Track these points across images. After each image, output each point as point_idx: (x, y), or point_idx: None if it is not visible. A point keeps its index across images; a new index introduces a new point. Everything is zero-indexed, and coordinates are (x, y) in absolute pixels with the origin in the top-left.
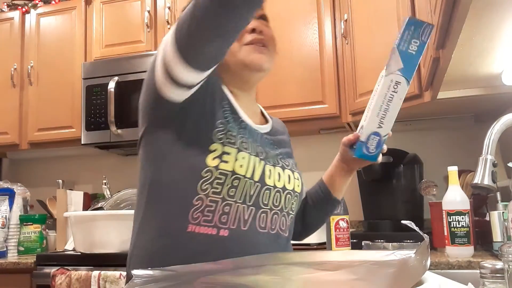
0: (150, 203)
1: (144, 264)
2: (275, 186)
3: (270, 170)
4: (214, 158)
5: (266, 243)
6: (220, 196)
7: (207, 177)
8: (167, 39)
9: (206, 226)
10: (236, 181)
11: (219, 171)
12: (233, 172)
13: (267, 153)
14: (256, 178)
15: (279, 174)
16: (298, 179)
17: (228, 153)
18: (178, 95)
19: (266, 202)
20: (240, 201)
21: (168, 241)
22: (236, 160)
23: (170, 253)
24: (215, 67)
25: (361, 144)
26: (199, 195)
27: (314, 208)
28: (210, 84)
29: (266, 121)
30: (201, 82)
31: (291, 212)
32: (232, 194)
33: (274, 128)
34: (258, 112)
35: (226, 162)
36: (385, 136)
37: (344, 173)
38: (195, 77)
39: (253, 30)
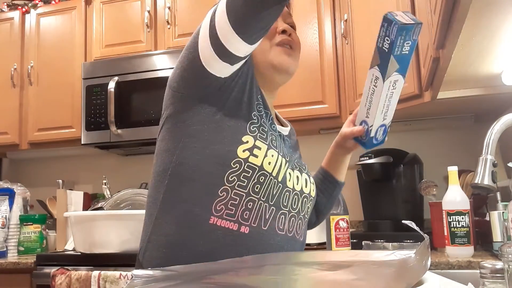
0: (172, 189)
1: (160, 258)
2: (293, 189)
3: (290, 173)
4: (244, 150)
5: (282, 245)
6: (245, 191)
7: (235, 168)
8: (218, 9)
9: (228, 220)
10: (262, 177)
11: (248, 164)
12: (261, 168)
13: (290, 155)
14: (280, 178)
15: (297, 177)
16: (313, 184)
17: (259, 148)
18: (222, 69)
19: (285, 204)
20: (263, 199)
21: (189, 232)
22: (265, 156)
23: (189, 244)
24: (259, 42)
25: (371, 139)
26: (225, 186)
27: (323, 196)
28: (251, 74)
29: (282, 124)
30: (245, 59)
31: (306, 216)
32: (257, 190)
33: (290, 131)
34: (274, 116)
35: (256, 156)
36: (389, 123)
37: (343, 157)
38: (243, 49)
39: (283, 31)
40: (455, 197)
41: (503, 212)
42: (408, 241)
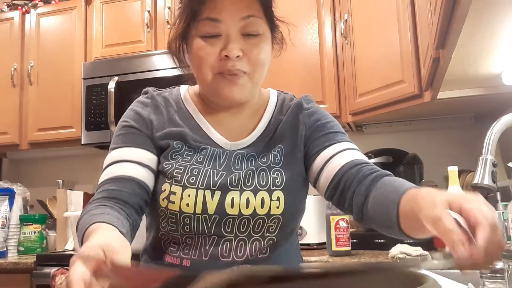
0: (147, 227)
1: None
2: (240, 214)
3: (232, 198)
4: (163, 199)
5: None
6: (178, 233)
7: (163, 216)
8: None
9: (172, 256)
10: (187, 219)
11: (169, 211)
12: (181, 212)
13: (232, 177)
14: (211, 211)
15: (247, 199)
16: (278, 200)
17: (174, 193)
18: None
19: (229, 230)
20: (198, 233)
21: (154, 266)
22: (181, 199)
23: None
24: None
25: None
26: (162, 231)
27: (375, 218)
28: (158, 144)
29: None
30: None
31: (268, 234)
32: (188, 230)
33: (266, 131)
34: (246, 122)
35: (173, 202)
36: None
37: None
38: None
39: (226, 57)
40: None
41: (503, 212)
42: (408, 241)
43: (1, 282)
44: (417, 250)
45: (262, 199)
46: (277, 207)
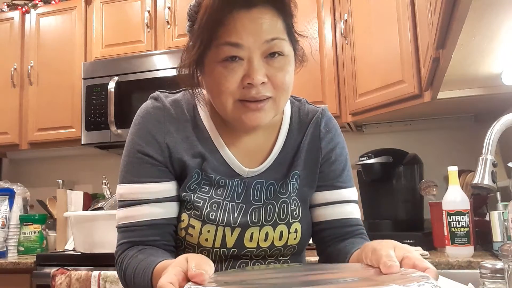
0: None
1: None
2: (258, 247)
3: (252, 233)
4: (181, 229)
5: None
6: None
7: (179, 245)
8: None
9: None
10: (205, 251)
11: (186, 242)
12: (199, 245)
13: (253, 213)
14: (230, 245)
15: (266, 234)
16: (295, 232)
17: (193, 226)
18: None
19: (246, 254)
20: (216, 260)
21: None
22: (200, 234)
23: None
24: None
25: None
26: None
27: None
28: (178, 168)
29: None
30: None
31: (282, 258)
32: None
33: (283, 152)
34: (262, 142)
35: (191, 235)
36: None
37: None
38: None
39: (249, 84)
40: (455, 197)
41: (503, 212)
42: (408, 240)
43: (1, 282)
44: (417, 250)
45: (281, 233)
46: (295, 238)
